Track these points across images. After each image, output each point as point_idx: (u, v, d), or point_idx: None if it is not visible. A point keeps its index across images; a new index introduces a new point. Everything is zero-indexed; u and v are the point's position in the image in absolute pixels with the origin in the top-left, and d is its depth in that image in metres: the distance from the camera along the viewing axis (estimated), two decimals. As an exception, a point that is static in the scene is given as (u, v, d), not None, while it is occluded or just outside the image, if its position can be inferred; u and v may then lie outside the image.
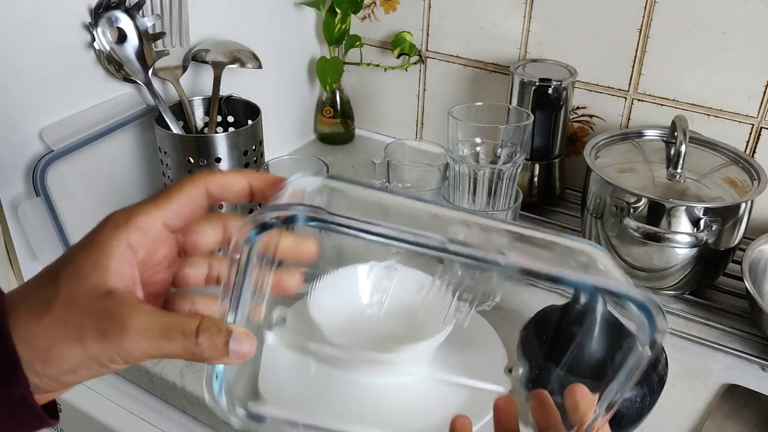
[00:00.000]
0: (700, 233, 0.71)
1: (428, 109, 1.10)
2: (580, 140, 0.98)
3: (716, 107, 0.87)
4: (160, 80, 0.83)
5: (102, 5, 0.76)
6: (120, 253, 0.32)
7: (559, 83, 0.87)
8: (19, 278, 0.77)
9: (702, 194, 0.74)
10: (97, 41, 0.76)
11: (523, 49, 0.97)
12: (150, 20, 0.80)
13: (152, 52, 0.81)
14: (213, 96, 0.84)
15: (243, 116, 0.86)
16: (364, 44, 1.09)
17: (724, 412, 0.64)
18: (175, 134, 0.79)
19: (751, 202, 0.74)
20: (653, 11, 0.86)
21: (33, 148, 0.74)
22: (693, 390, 0.67)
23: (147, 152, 0.86)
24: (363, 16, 1.08)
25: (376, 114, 1.15)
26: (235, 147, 0.77)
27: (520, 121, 0.82)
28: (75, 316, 0.30)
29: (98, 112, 0.79)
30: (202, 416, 0.68)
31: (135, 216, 0.33)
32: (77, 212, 0.78)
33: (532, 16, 0.95)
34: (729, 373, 0.70)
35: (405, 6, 1.04)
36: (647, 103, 0.91)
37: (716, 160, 0.80)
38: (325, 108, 1.11)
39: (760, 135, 0.86)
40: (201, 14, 0.87)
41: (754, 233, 0.80)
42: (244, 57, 0.87)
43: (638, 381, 0.55)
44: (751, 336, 0.73)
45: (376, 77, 1.12)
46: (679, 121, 0.78)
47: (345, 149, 1.13)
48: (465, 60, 1.03)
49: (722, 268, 0.79)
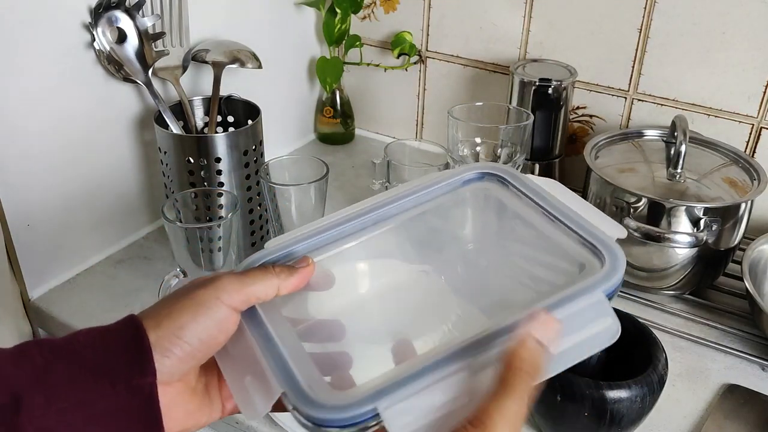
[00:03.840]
0: (700, 233, 0.71)
1: (428, 109, 1.10)
2: (580, 140, 0.98)
3: (716, 107, 0.87)
4: (160, 80, 0.83)
5: (102, 5, 0.76)
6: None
7: (559, 83, 0.87)
8: (20, 280, 0.77)
9: (702, 194, 0.74)
10: (97, 41, 0.76)
11: (523, 49, 0.97)
12: (150, 20, 0.80)
13: (152, 52, 0.81)
14: (213, 96, 0.84)
15: (243, 116, 0.86)
16: (364, 44, 1.09)
17: (724, 412, 0.64)
18: (175, 134, 0.79)
19: (751, 202, 0.74)
20: (653, 11, 0.86)
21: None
22: (693, 390, 0.67)
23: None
24: (363, 16, 1.08)
25: (376, 114, 1.15)
26: (235, 147, 0.77)
27: (520, 121, 0.82)
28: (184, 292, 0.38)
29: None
30: (202, 416, 0.68)
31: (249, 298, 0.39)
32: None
33: (532, 16, 0.95)
34: (729, 373, 0.70)
35: (405, 6, 1.04)
36: (647, 103, 0.92)
37: (716, 160, 0.80)
38: (325, 108, 1.11)
39: (760, 135, 0.86)
40: (201, 14, 0.87)
41: (754, 233, 0.80)
42: (244, 57, 0.87)
43: (638, 381, 0.55)
44: (751, 336, 0.73)
45: (376, 77, 1.12)
46: (679, 121, 0.78)
47: (345, 149, 1.13)
48: (465, 60, 1.03)
49: (722, 268, 0.79)
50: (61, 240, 0.79)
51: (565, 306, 0.37)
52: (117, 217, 0.85)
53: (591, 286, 0.38)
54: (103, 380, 0.34)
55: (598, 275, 0.39)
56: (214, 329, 0.37)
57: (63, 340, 0.36)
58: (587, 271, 0.40)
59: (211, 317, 0.37)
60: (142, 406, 0.35)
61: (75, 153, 0.78)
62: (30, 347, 0.35)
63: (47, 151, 0.75)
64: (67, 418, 0.33)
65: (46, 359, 0.34)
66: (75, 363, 0.34)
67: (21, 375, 0.33)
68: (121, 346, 0.35)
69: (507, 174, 0.47)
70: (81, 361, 0.34)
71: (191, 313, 0.37)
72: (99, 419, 0.34)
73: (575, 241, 0.42)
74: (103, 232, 0.84)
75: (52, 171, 0.76)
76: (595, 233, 0.41)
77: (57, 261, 0.80)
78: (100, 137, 0.80)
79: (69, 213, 0.79)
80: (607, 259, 0.40)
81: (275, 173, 0.77)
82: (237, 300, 0.38)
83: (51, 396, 0.33)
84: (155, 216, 0.90)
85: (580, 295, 0.37)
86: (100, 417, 0.34)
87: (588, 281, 0.38)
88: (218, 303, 0.37)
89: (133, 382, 0.35)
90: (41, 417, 0.33)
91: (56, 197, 0.77)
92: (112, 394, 0.34)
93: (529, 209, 0.45)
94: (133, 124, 0.84)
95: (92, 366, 0.34)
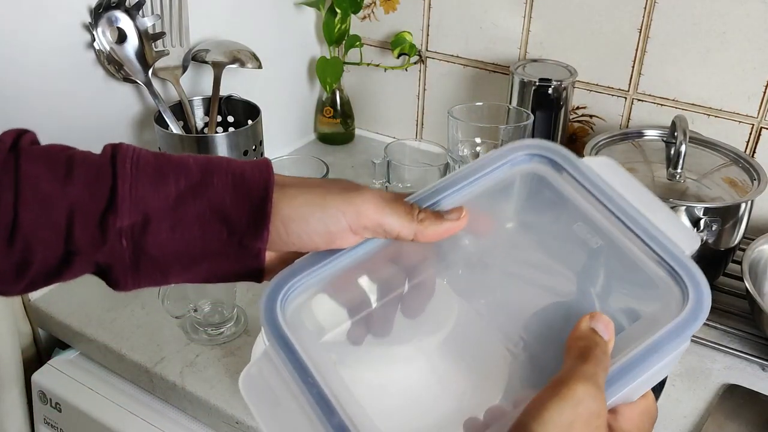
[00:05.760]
0: (700, 233, 0.71)
1: (428, 109, 1.10)
2: (580, 140, 0.98)
3: (716, 107, 0.87)
4: (160, 80, 0.83)
5: (102, 5, 0.76)
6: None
7: (559, 83, 0.87)
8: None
9: (702, 194, 0.74)
10: (97, 41, 0.76)
11: (523, 49, 0.97)
12: (150, 20, 0.80)
13: (152, 52, 0.81)
14: (213, 96, 0.84)
15: (243, 116, 0.86)
16: (364, 44, 1.09)
17: (724, 412, 0.64)
18: (175, 134, 0.79)
19: (751, 202, 0.74)
20: (653, 11, 0.86)
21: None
22: (693, 390, 0.67)
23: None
24: (363, 16, 1.08)
25: (376, 114, 1.15)
26: (235, 147, 0.77)
27: (520, 121, 0.82)
28: (324, 186, 0.39)
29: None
30: (202, 416, 0.68)
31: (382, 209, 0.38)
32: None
33: (532, 16, 0.95)
34: (729, 373, 0.70)
35: (405, 6, 1.04)
36: (647, 103, 0.91)
37: (716, 160, 0.80)
38: (325, 108, 1.11)
39: (760, 135, 0.86)
40: (201, 14, 0.87)
41: (754, 233, 0.80)
42: (244, 57, 0.87)
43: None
44: (751, 336, 0.73)
45: (376, 77, 1.12)
46: (679, 121, 0.78)
47: (345, 149, 1.13)
48: (465, 60, 1.03)
49: (722, 268, 0.79)
50: (61, 240, 0.79)
51: (655, 357, 0.33)
52: (117, 217, 0.85)
53: (680, 329, 0.34)
54: (223, 228, 0.37)
55: (685, 315, 0.34)
56: (324, 236, 0.37)
57: (200, 170, 0.37)
58: (669, 305, 0.35)
59: (327, 226, 0.37)
60: (248, 263, 0.38)
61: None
62: (168, 172, 0.37)
63: (47, 151, 0.75)
64: (184, 245, 0.37)
65: (181, 192, 0.37)
66: (205, 203, 0.37)
67: (156, 199, 0.36)
68: (248, 203, 0.37)
69: (559, 156, 0.41)
70: (210, 202, 0.37)
71: (312, 210, 0.37)
72: (209, 255, 0.37)
73: (648, 255, 0.37)
74: (103, 232, 0.84)
75: (52, 171, 0.76)
76: (671, 249, 0.37)
77: (57, 261, 0.80)
78: (100, 137, 0.80)
79: (69, 213, 0.79)
80: (691, 294, 0.35)
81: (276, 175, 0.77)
82: (362, 225, 0.37)
83: (175, 225, 0.36)
84: (155, 216, 0.90)
85: (670, 342, 0.34)
86: (211, 253, 0.37)
87: (677, 325, 0.34)
88: (340, 218, 0.37)
89: (245, 240, 0.37)
90: (164, 241, 0.36)
91: (56, 197, 0.77)
92: (227, 242, 0.37)
93: (587, 205, 0.39)
94: (133, 124, 0.84)
95: (218, 210, 0.37)
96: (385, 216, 0.37)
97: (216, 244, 0.37)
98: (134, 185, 0.36)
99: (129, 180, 0.36)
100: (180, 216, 0.36)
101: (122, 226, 0.35)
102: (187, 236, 0.36)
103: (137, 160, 0.37)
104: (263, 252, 0.37)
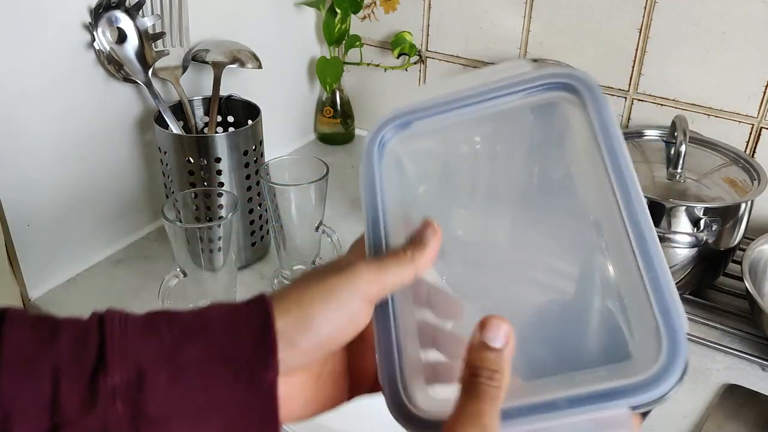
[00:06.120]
0: (700, 233, 0.71)
1: (428, 109, 1.10)
2: (580, 140, 0.98)
3: (716, 107, 0.87)
4: (160, 80, 0.83)
5: (102, 5, 0.76)
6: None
7: (559, 83, 0.87)
8: (20, 280, 0.77)
9: (702, 194, 0.74)
10: (97, 41, 0.76)
11: (523, 49, 0.97)
12: (150, 20, 0.80)
13: (152, 52, 0.81)
14: (213, 96, 0.84)
15: (243, 116, 0.86)
16: (364, 44, 1.09)
17: (724, 412, 0.64)
18: (175, 134, 0.79)
19: (751, 202, 0.74)
20: (653, 11, 0.86)
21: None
22: (693, 390, 0.67)
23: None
24: (363, 16, 1.08)
25: (377, 114, 1.15)
26: (235, 147, 0.77)
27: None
28: (317, 278, 0.36)
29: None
30: (202, 416, 0.68)
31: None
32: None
33: (532, 16, 0.95)
34: (729, 373, 0.70)
35: (405, 6, 1.04)
36: (647, 103, 0.92)
37: (716, 160, 0.80)
38: (325, 108, 1.11)
39: (760, 135, 0.86)
40: (201, 14, 0.87)
41: (754, 233, 0.80)
42: (244, 57, 0.87)
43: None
44: (751, 336, 0.73)
45: (376, 77, 1.12)
46: (679, 121, 0.78)
47: (345, 149, 1.13)
48: (465, 60, 1.03)
49: (722, 268, 0.79)
50: (61, 240, 0.79)
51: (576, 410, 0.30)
52: (117, 217, 0.85)
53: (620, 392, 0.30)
54: (227, 367, 0.33)
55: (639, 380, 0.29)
56: (345, 322, 0.35)
57: (193, 317, 0.35)
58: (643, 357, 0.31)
59: (343, 310, 0.35)
60: (261, 400, 0.34)
61: (75, 153, 0.78)
62: (160, 323, 0.35)
63: (47, 152, 0.75)
64: (188, 400, 0.33)
65: (175, 337, 0.34)
66: (202, 345, 0.34)
67: (149, 351, 0.33)
68: (249, 333, 0.34)
69: (589, 90, 0.39)
70: (208, 343, 0.34)
71: (322, 304, 0.35)
72: (217, 405, 0.33)
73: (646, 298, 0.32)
74: (104, 232, 0.84)
75: (52, 171, 0.76)
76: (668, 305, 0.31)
77: (57, 261, 0.80)
78: (100, 137, 0.80)
79: (69, 213, 0.79)
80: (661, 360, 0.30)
81: (275, 173, 0.77)
82: (373, 291, 0.36)
83: (175, 376, 0.33)
84: (155, 216, 0.90)
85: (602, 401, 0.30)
86: (219, 402, 0.33)
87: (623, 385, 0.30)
88: (352, 295, 0.35)
89: (255, 375, 0.33)
90: (163, 397, 0.32)
91: (56, 197, 0.77)
92: (233, 382, 0.33)
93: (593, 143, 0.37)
94: (133, 124, 0.84)
95: (219, 350, 0.34)
96: (384, 275, 0.36)
97: (222, 389, 0.33)
98: (123, 338, 0.34)
99: (117, 333, 0.34)
100: (178, 364, 0.33)
101: (115, 385, 0.32)
102: (188, 387, 0.33)
103: (125, 317, 0.35)
104: (275, 382, 0.34)
